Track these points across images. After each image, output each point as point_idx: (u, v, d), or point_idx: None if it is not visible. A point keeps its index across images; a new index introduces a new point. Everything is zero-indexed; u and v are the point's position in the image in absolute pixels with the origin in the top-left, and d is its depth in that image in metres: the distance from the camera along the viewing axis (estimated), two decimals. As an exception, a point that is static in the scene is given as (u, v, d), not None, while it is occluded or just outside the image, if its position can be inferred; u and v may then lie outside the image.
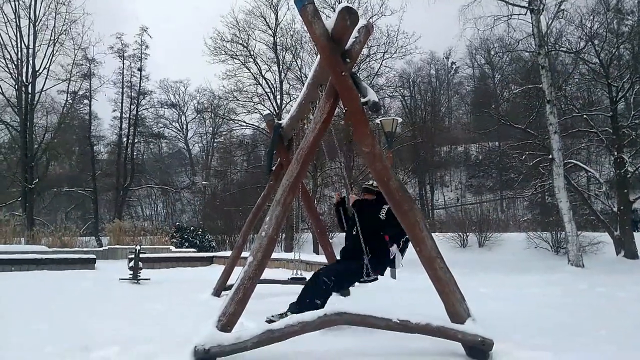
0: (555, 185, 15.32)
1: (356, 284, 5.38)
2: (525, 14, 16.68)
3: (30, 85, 25.38)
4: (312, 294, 4.61)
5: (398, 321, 3.77)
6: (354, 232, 4.95)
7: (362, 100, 4.09)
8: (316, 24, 3.91)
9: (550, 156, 15.56)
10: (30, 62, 25.50)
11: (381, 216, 4.82)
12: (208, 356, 3.43)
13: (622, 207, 17.67)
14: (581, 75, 21.17)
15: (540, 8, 15.96)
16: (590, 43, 18.53)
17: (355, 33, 4.11)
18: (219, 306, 3.79)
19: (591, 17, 18.73)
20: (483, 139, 36.67)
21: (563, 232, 16.31)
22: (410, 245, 4.50)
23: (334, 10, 3.97)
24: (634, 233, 17.99)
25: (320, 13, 4.10)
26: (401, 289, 8.96)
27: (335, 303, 4.78)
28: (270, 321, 4.09)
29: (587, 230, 19.44)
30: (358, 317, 3.78)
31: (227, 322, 3.64)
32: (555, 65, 20.79)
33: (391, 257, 4.77)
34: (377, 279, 4.91)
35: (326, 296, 4.65)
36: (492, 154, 37.02)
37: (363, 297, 7.55)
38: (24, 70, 25.40)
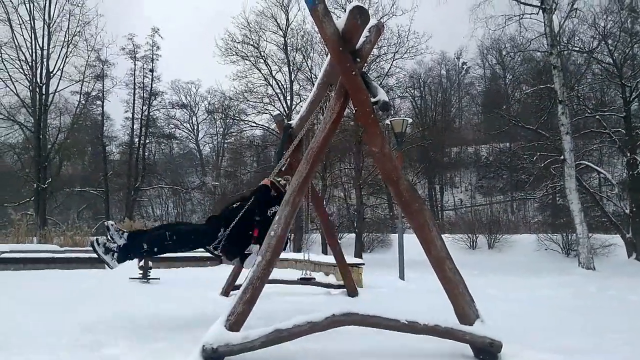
0: (567, 186, 15.17)
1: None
2: (537, 14, 16.55)
3: (44, 86, 25.69)
4: (147, 239, 4.36)
5: (406, 322, 3.76)
6: (234, 206, 4.72)
7: (373, 100, 4.09)
8: (327, 24, 3.92)
9: (562, 157, 15.41)
10: (45, 63, 25.84)
11: (269, 214, 4.55)
12: (216, 355, 3.45)
13: (634, 209, 17.45)
14: (594, 75, 20.96)
15: (553, 7, 15.82)
16: (603, 42, 18.35)
17: (365, 32, 4.11)
18: (227, 306, 3.81)
19: (604, 16, 18.56)
20: (494, 139, 36.37)
21: (574, 234, 16.16)
22: (419, 248, 4.42)
23: (345, 11, 3.97)
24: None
25: (331, 13, 4.11)
26: (410, 290, 8.93)
27: (342, 304, 4.77)
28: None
29: (598, 232, 19.22)
30: (366, 317, 3.78)
31: (235, 322, 3.65)
32: (568, 65, 20.58)
33: (246, 252, 4.55)
34: (219, 257, 4.69)
35: (159, 249, 4.37)
36: (502, 155, 36.74)
37: (371, 298, 7.54)
38: (38, 71, 25.74)
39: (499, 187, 39.14)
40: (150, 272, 9.74)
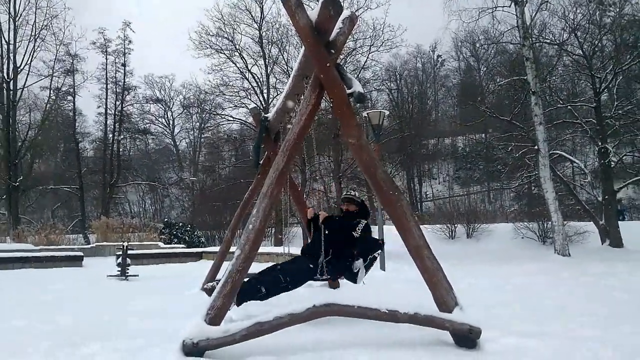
0: (541, 175, 15.47)
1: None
2: (509, 6, 16.77)
3: (11, 81, 24.97)
4: (262, 282, 4.52)
5: (386, 311, 3.80)
6: (322, 236, 4.82)
7: (348, 91, 4.08)
8: (299, 15, 3.89)
9: (536, 147, 15.70)
10: (11, 58, 25.11)
11: (356, 233, 4.71)
12: (196, 350, 3.43)
13: (606, 197, 17.91)
14: (565, 66, 21.37)
15: (524, 0, 16.04)
16: (573, 35, 18.67)
17: (339, 24, 4.09)
18: (207, 300, 3.78)
19: (574, 9, 18.88)
20: (470, 131, 36.90)
21: (549, 222, 16.51)
22: (397, 238, 4.49)
23: (318, 2, 3.95)
24: (620, 222, 18.24)
25: (305, 5, 4.08)
26: (390, 280, 9.01)
27: (324, 295, 4.78)
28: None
29: (572, 220, 19.66)
30: (347, 308, 3.80)
31: (215, 316, 3.64)
32: (540, 57, 20.94)
33: (355, 271, 4.68)
34: (328, 279, 4.90)
35: (275, 290, 4.56)
36: (478, 146, 37.28)
37: (351, 289, 7.57)
38: (5, 66, 24.99)
39: (475, 177, 39.73)
40: (128, 268, 9.61)
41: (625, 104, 18.41)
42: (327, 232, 4.70)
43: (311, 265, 4.63)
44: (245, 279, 4.51)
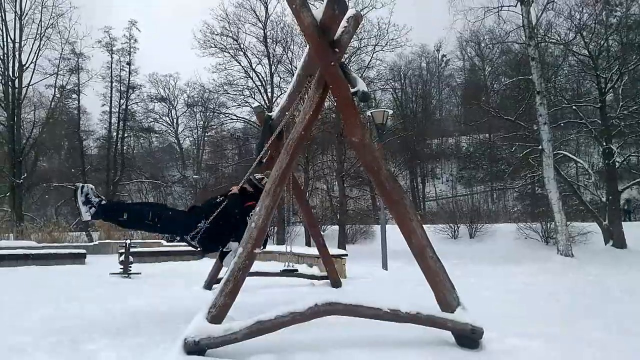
0: (545, 176, 15.42)
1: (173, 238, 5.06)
2: (515, 6, 16.69)
3: (17, 79, 25.05)
4: (128, 209, 4.37)
5: (388, 311, 3.78)
6: (217, 200, 4.67)
7: (352, 90, 4.08)
8: (304, 13, 3.88)
9: (540, 147, 15.64)
10: (17, 56, 25.18)
11: (249, 217, 4.33)
12: (198, 348, 3.43)
13: (610, 197, 17.84)
14: (570, 66, 21.28)
15: (530, 0, 15.98)
16: (579, 35, 18.59)
17: (344, 23, 4.09)
18: (209, 298, 3.78)
19: (580, 9, 18.81)
20: (473, 131, 36.77)
21: (553, 223, 16.45)
22: (400, 237, 4.45)
23: (323, 1, 3.94)
24: (627, 222, 18.17)
25: (310, 5, 4.07)
26: (392, 279, 8.99)
27: (326, 294, 4.78)
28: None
29: (576, 220, 19.61)
30: (348, 307, 3.79)
31: (217, 314, 3.63)
32: (545, 57, 20.84)
33: (225, 249, 4.55)
34: (196, 248, 4.63)
35: (136, 222, 4.36)
36: (482, 146, 37.16)
37: (354, 289, 7.57)
38: (10, 64, 25.09)
39: (479, 177, 39.60)
40: (131, 267, 9.62)
41: (631, 105, 18.31)
42: (222, 203, 4.53)
43: (188, 223, 4.42)
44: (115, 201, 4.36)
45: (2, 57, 24.87)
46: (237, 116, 27.64)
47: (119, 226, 4.32)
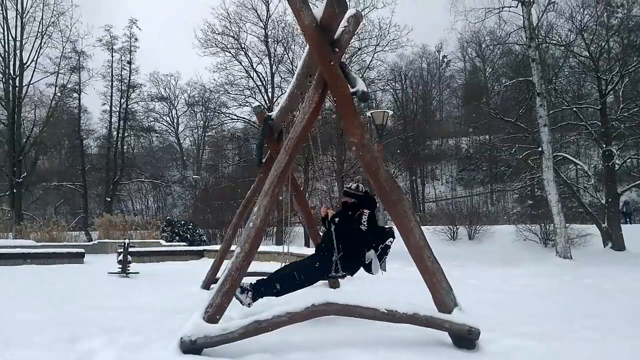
0: (545, 177, 15.40)
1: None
2: (516, 7, 16.66)
3: (17, 78, 25.08)
4: (277, 279, 4.54)
5: (385, 311, 3.78)
6: (331, 230, 4.81)
7: (351, 90, 4.07)
8: (304, 13, 3.89)
9: (540, 149, 15.62)
10: (18, 54, 25.22)
11: (363, 227, 4.64)
12: (194, 347, 3.43)
13: (610, 200, 17.82)
14: (571, 68, 21.24)
15: (531, 0, 15.96)
16: (580, 36, 18.57)
17: (344, 22, 4.09)
18: (206, 298, 3.78)
19: (581, 10, 18.77)
20: (474, 132, 36.82)
21: (552, 225, 16.43)
22: (398, 238, 4.49)
23: (323, 0, 3.94)
24: (626, 225, 18.11)
25: (311, 4, 4.07)
26: (390, 280, 8.97)
27: (323, 294, 4.77)
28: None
29: (575, 222, 19.56)
30: (346, 307, 3.78)
31: (214, 314, 3.63)
32: (546, 59, 20.84)
33: (366, 262, 4.67)
34: (344, 276, 4.82)
35: (289, 287, 4.57)
36: (482, 147, 37.17)
37: (351, 288, 7.57)
38: (11, 63, 25.11)
39: (479, 178, 39.65)
40: (129, 266, 9.62)
41: (631, 107, 18.29)
42: (333, 228, 4.69)
43: (325, 263, 4.60)
44: (260, 277, 4.59)
45: (3, 55, 24.92)
46: (237, 116, 27.68)
47: (275, 297, 4.54)
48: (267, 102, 24.82)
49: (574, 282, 8.84)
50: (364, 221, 4.66)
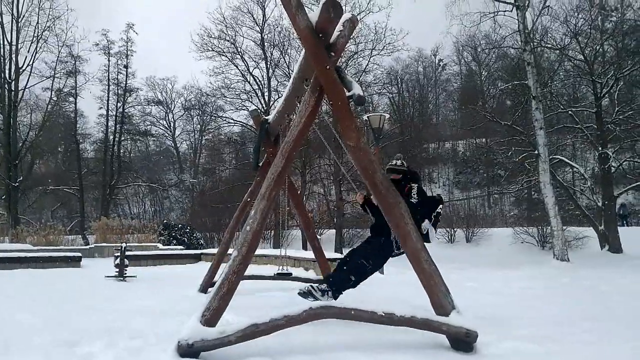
0: (541, 180, 15.46)
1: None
2: (511, 11, 16.77)
3: (13, 82, 25.03)
4: (349, 271, 4.61)
5: (383, 314, 3.78)
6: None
7: (347, 94, 4.08)
8: (300, 17, 3.90)
9: (536, 152, 15.69)
10: (13, 59, 25.18)
11: (414, 200, 4.69)
12: (192, 351, 3.41)
13: (606, 202, 17.89)
14: (566, 71, 21.38)
15: (526, 4, 16.05)
16: (574, 40, 18.69)
17: (339, 27, 4.10)
18: (204, 301, 3.77)
19: (576, 14, 18.94)
20: (470, 135, 36.88)
21: (549, 227, 16.48)
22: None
23: (318, 4, 3.95)
24: (623, 227, 18.16)
25: (306, 8, 4.09)
26: (388, 283, 8.99)
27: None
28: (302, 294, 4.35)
29: (572, 225, 19.64)
30: (344, 310, 3.79)
31: (211, 317, 3.62)
32: (541, 62, 20.95)
33: (424, 232, 4.67)
34: (404, 252, 4.77)
35: (363, 276, 4.62)
36: (479, 151, 37.25)
37: (349, 291, 7.55)
38: (7, 67, 25.07)
39: (476, 182, 39.69)
40: (126, 269, 9.60)
41: (626, 110, 18.40)
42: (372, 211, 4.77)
43: (387, 243, 4.65)
44: (331, 275, 4.69)
45: (-2, 60, 24.85)
46: (234, 120, 27.71)
47: (352, 288, 4.65)
48: (263, 105, 24.85)
49: (572, 285, 8.86)
50: (414, 194, 4.76)
